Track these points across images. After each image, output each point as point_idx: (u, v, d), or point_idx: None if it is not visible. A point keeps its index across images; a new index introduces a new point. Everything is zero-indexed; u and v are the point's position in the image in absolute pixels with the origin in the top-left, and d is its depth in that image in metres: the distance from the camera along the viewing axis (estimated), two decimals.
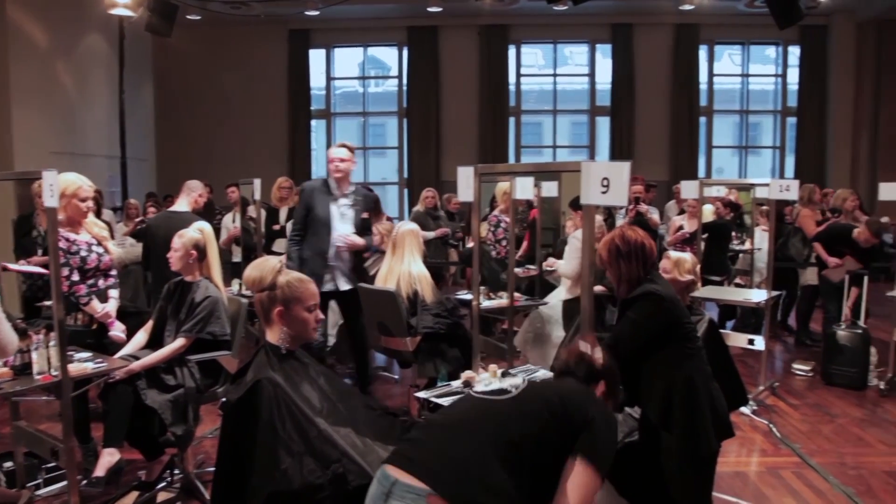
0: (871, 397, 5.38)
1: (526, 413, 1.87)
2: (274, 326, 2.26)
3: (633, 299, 2.50)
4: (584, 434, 1.81)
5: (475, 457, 1.74)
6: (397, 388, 5.56)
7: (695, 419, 2.42)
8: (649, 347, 2.49)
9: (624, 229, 2.61)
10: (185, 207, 4.83)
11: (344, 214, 4.58)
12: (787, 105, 12.92)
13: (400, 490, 1.69)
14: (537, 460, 1.78)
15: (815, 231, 6.78)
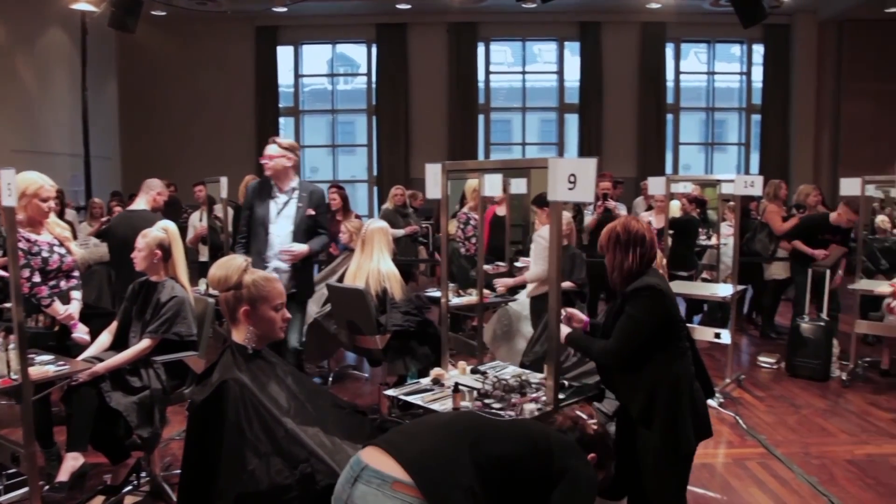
0: (834, 388, 5.49)
1: (512, 437, 1.87)
2: (240, 326, 2.23)
3: (633, 294, 2.45)
4: (563, 484, 1.79)
5: (453, 455, 1.74)
6: (367, 386, 5.54)
7: (677, 418, 2.42)
8: (647, 343, 2.45)
9: (628, 219, 2.56)
10: (144, 206, 4.75)
11: (283, 213, 4.27)
12: (752, 102, 13.14)
13: (367, 475, 1.68)
14: (508, 486, 1.77)
15: (783, 226, 6.90)
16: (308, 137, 13.05)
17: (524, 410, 2.44)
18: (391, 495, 1.63)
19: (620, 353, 2.44)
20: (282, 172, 4.26)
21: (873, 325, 5.64)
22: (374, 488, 1.65)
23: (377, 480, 1.66)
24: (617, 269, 2.50)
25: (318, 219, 4.32)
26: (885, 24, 12.03)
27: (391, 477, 1.64)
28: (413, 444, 1.76)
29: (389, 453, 1.70)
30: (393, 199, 7.49)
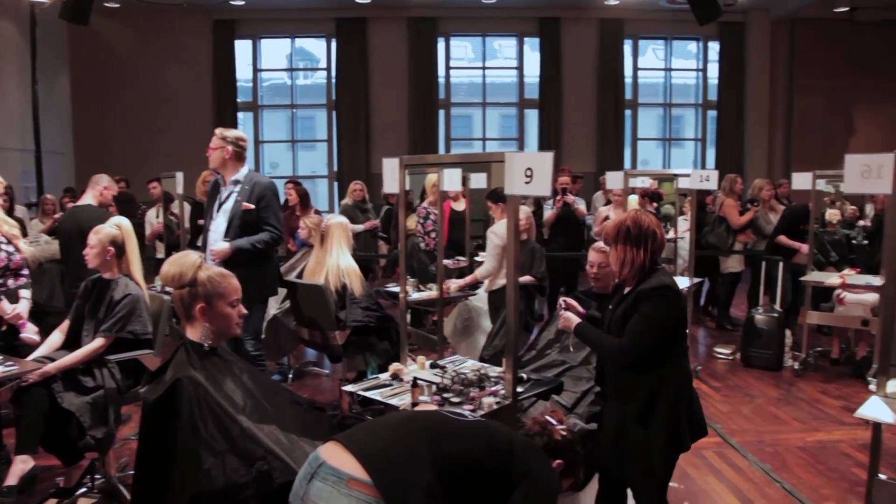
0: (787, 378, 5.63)
1: (473, 437, 1.85)
2: (195, 323, 2.20)
3: (651, 293, 2.38)
4: (522, 487, 1.77)
5: (413, 452, 1.72)
6: (328, 382, 5.51)
7: (678, 418, 2.41)
8: (660, 344, 2.41)
9: (638, 213, 2.51)
10: (91, 201, 4.67)
11: (223, 208, 4.04)
12: (708, 98, 13.36)
13: (324, 472, 1.67)
14: (467, 486, 1.75)
15: (740, 220, 7.04)
16: (267, 133, 12.87)
17: (483, 404, 2.44)
18: (346, 493, 1.61)
19: (635, 352, 2.38)
20: (223, 165, 4.06)
21: (824, 315, 5.79)
22: (330, 486, 1.63)
23: (333, 478, 1.64)
24: (628, 266, 2.43)
25: (262, 213, 3.99)
26: (835, 23, 12.35)
27: (347, 474, 1.63)
28: (373, 441, 1.74)
29: (349, 449, 1.69)
30: (352, 194, 7.44)
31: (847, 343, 6.05)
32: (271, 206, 4.03)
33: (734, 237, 7.12)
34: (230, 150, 4.03)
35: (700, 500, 3.55)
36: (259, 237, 3.95)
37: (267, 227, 3.99)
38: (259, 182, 4.06)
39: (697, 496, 3.58)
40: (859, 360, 5.69)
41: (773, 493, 3.61)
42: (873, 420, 2.50)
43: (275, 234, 4.01)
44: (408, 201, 6.96)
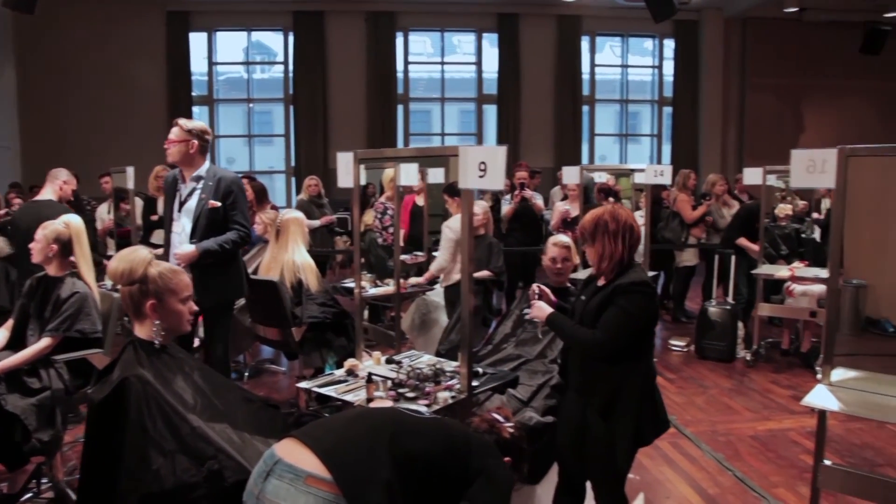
0: (739, 368, 5.75)
1: (430, 434, 1.85)
2: (145, 321, 2.15)
3: (629, 288, 2.40)
4: (480, 482, 1.78)
5: (372, 448, 1.71)
6: (285, 380, 5.45)
7: (641, 412, 2.43)
8: (633, 339, 2.43)
9: (615, 207, 2.51)
10: (51, 196, 4.57)
11: (185, 207, 3.72)
12: (664, 95, 13.57)
13: (280, 469, 1.64)
14: (425, 482, 1.75)
15: (693, 214, 7.17)
16: (223, 127, 12.66)
17: (438, 399, 2.43)
18: (304, 490, 1.59)
19: (608, 345, 2.38)
20: (185, 159, 3.70)
21: (774, 307, 5.93)
22: (287, 483, 1.61)
23: (290, 475, 1.62)
24: (607, 260, 2.44)
25: (230, 211, 3.69)
26: (785, 23, 12.66)
27: (304, 471, 1.61)
28: (331, 437, 1.72)
29: (307, 445, 1.67)
30: (307, 189, 7.35)
31: (797, 334, 6.21)
32: (239, 203, 3.75)
33: (687, 231, 7.25)
34: (196, 144, 3.72)
35: (655, 490, 3.60)
36: (226, 237, 3.66)
37: (235, 225, 3.70)
38: (224, 177, 3.76)
39: (652, 486, 3.63)
40: (807, 351, 5.84)
41: (725, 481, 3.68)
42: (818, 408, 2.57)
43: (243, 232, 3.72)
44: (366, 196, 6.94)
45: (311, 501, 1.57)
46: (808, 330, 5.92)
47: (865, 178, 4.81)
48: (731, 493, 3.55)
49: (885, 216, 5.69)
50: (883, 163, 4.29)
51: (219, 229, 3.67)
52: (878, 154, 2.69)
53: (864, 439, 4.21)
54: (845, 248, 2.76)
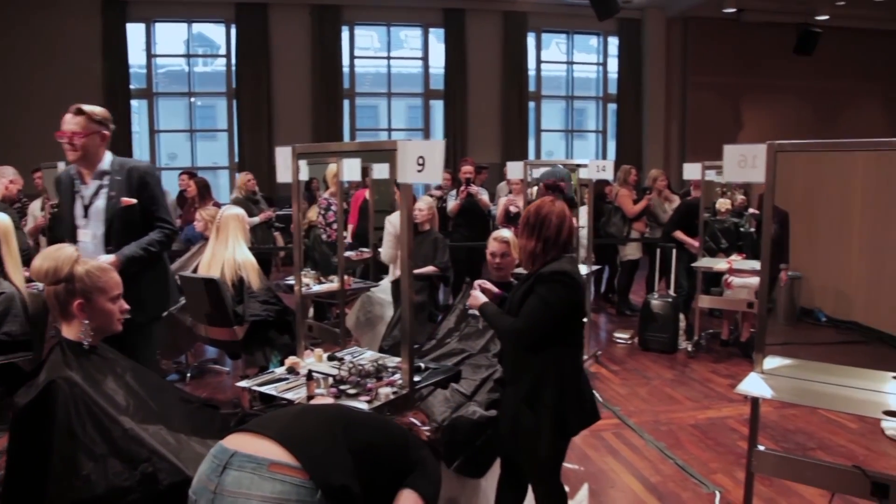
0: (681, 359, 5.89)
1: (375, 426, 1.84)
2: (73, 321, 2.07)
3: (548, 277, 2.43)
4: (417, 471, 1.79)
5: (330, 436, 1.67)
6: (229, 380, 5.35)
7: (563, 403, 2.46)
8: (553, 328, 2.46)
9: (544, 201, 2.54)
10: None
11: (92, 210, 3.17)
12: (609, 92, 13.78)
13: (239, 461, 1.56)
14: (375, 472, 1.73)
15: (634, 209, 7.30)
16: (164, 122, 12.32)
17: (380, 395, 2.42)
18: (269, 477, 1.53)
19: (526, 332, 2.43)
20: (90, 155, 3.14)
21: (714, 299, 6.09)
22: (249, 472, 1.54)
23: (251, 464, 1.55)
24: (524, 252, 2.52)
25: (148, 207, 3.19)
26: (724, 23, 13.01)
27: (267, 459, 1.55)
28: (286, 427, 1.67)
29: (265, 435, 1.61)
30: (246, 185, 7.21)
31: (735, 325, 6.39)
32: (157, 196, 3.24)
33: (630, 226, 7.38)
34: (106, 135, 3.19)
35: (599, 479, 3.66)
36: (150, 238, 3.18)
37: (157, 223, 3.22)
38: (135, 168, 3.20)
39: (596, 476, 3.69)
40: (746, 341, 6.02)
41: (667, 469, 3.77)
42: (751, 395, 2.64)
43: (167, 230, 3.24)
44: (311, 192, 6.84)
45: (278, 488, 1.51)
46: (747, 321, 6.09)
47: (797, 173, 4.98)
48: (672, 480, 3.64)
49: (816, 210, 5.89)
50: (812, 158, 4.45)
51: (138, 230, 3.18)
52: (806, 149, 2.79)
53: (798, 425, 4.36)
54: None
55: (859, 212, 5.62)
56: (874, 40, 13.62)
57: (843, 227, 5.33)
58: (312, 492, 1.53)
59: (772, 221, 2.79)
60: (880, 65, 13.88)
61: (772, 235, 5.16)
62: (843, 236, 5.42)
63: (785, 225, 5.34)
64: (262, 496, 1.51)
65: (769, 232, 2.77)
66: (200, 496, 1.58)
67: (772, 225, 2.79)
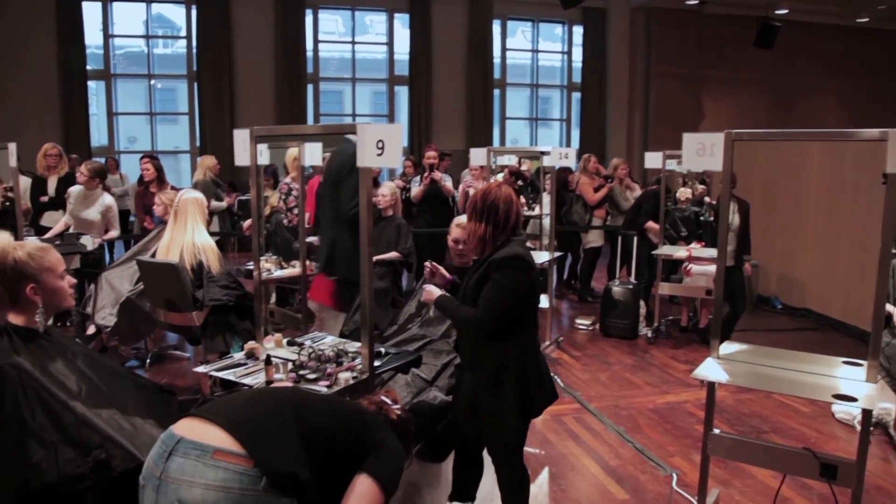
0: (641, 345, 5.97)
1: (329, 409, 1.84)
2: (23, 305, 2.01)
3: (503, 263, 2.42)
4: (375, 454, 1.79)
5: (279, 421, 1.67)
6: (190, 365, 5.27)
7: (527, 385, 2.47)
8: (513, 313, 2.46)
9: (491, 186, 2.53)
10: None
11: None
12: (573, 81, 13.86)
13: (184, 447, 1.56)
14: (327, 457, 1.73)
15: (594, 196, 7.37)
16: (122, 104, 12.04)
17: (339, 380, 2.41)
18: (213, 465, 1.53)
19: (488, 322, 2.41)
20: None
21: (673, 286, 6.18)
22: (193, 459, 1.54)
23: (196, 451, 1.55)
24: (473, 238, 2.50)
25: None
26: (687, 14, 13.18)
27: (211, 446, 1.55)
28: (235, 412, 1.66)
29: (212, 421, 1.60)
30: (212, 169, 7.10)
31: (694, 311, 6.50)
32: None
33: (591, 213, 7.45)
34: None
35: (559, 463, 3.70)
36: None
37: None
38: None
39: (557, 460, 3.73)
40: (704, 327, 6.12)
41: (626, 452, 3.83)
42: (706, 379, 2.69)
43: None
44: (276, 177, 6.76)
45: (220, 475, 1.52)
46: (706, 308, 6.20)
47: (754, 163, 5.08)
48: (630, 463, 3.69)
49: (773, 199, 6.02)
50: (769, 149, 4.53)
51: None
52: (762, 139, 2.83)
53: (752, 409, 4.46)
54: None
55: (813, 202, 5.77)
56: (831, 35, 13.94)
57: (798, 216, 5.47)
58: (257, 479, 1.53)
59: (728, 209, 2.83)
60: (836, 59, 14.22)
61: (736, 227, 5.29)
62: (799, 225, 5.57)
63: (747, 216, 5.46)
64: (205, 483, 1.51)
65: (726, 220, 2.82)
66: (148, 482, 1.59)
67: (728, 213, 2.83)
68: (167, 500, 1.54)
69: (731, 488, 3.40)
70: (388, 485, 1.76)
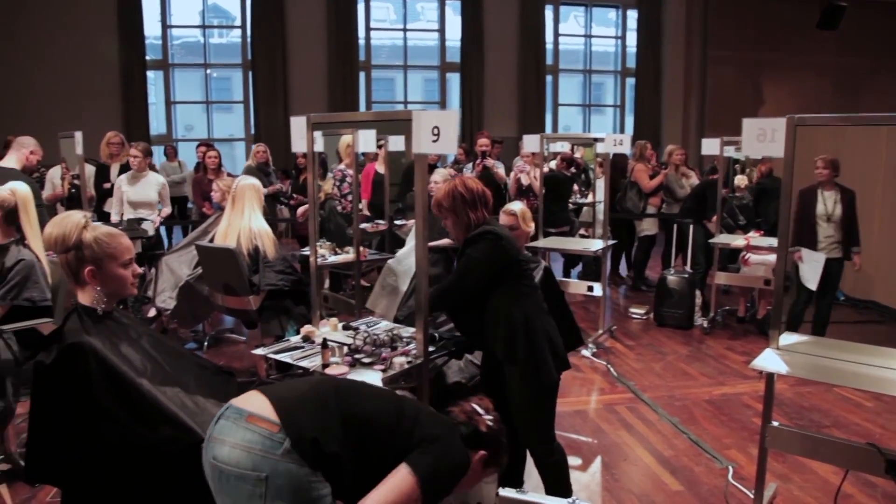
0: (696, 335, 5.87)
1: (380, 400, 1.88)
2: (86, 287, 2.07)
3: (474, 238, 2.57)
4: (420, 448, 1.77)
5: (319, 399, 1.77)
6: (245, 349, 5.40)
7: (535, 352, 2.53)
8: (489, 285, 2.56)
9: (464, 179, 2.67)
10: (13, 164, 4.50)
11: None
12: (627, 66, 13.60)
13: (229, 412, 1.72)
14: (368, 446, 1.76)
15: (650, 184, 7.24)
16: (180, 93, 12.33)
17: (394, 364, 2.44)
18: (244, 426, 1.66)
19: (454, 289, 2.59)
20: None
21: (730, 276, 6.05)
22: (231, 422, 1.69)
23: (235, 415, 1.70)
24: (454, 230, 2.65)
25: None
26: None
27: (247, 411, 1.68)
28: (288, 389, 1.81)
29: (265, 393, 1.74)
30: (255, 156, 7.25)
31: (752, 302, 6.35)
32: None
33: (646, 201, 7.32)
34: None
35: (612, 453, 3.67)
36: None
37: None
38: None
39: (609, 449, 3.70)
40: (762, 318, 5.98)
41: (680, 443, 3.77)
42: (766, 371, 2.63)
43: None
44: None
45: (247, 437, 1.64)
46: (764, 298, 6.05)
47: (817, 149, 4.90)
48: (685, 454, 3.64)
49: None
50: (833, 134, 4.37)
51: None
52: (826, 123, 2.74)
53: (812, 402, 4.35)
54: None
55: (880, 190, 5.54)
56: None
57: (863, 205, 5.25)
58: (278, 444, 1.64)
59: (790, 198, 2.74)
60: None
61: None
62: (864, 214, 5.35)
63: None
64: (233, 442, 1.65)
65: (787, 207, 2.73)
66: (205, 446, 1.74)
67: (790, 201, 2.74)
68: (207, 457, 1.70)
69: (790, 483, 3.32)
70: (427, 481, 1.74)
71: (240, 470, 1.63)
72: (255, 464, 1.62)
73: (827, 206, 4.79)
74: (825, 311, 4.97)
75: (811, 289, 4.78)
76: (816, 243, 4.77)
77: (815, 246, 4.76)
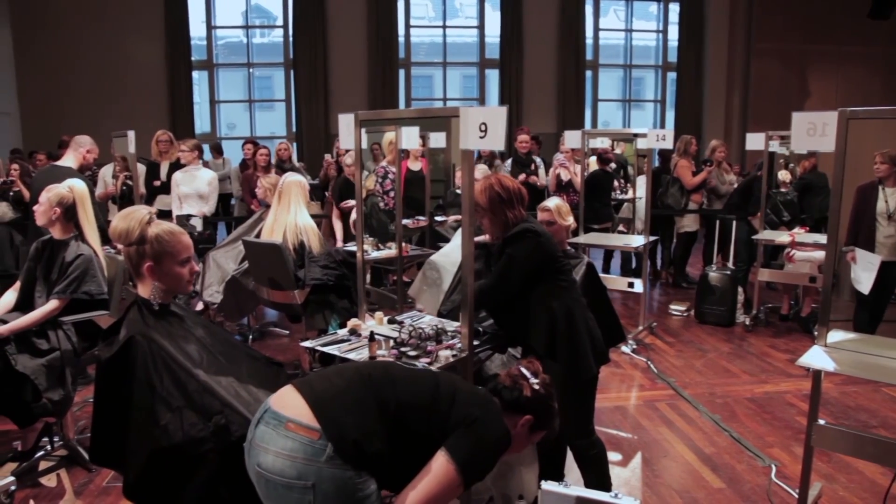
0: (738, 333, 5.81)
1: (416, 380, 1.88)
2: (145, 281, 2.15)
3: (513, 237, 2.60)
4: (458, 432, 1.76)
5: (355, 394, 1.78)
6: (290, 342, 5.52)
7: (576, 346, 2.57)
8: (529, 282, 2.60)
9: (499, 177, 2.70)
10: (71, 163, 4.64)
11: None
12: (668, 60, 13.43)
13: (268, 416, 1.74)
14: (407, 431, 1.78)
15: (693, 180, 7.16)
16: (224, 92, 12.58)
17: (440, 357, 2.48)
18: (284, 434, 1.69)
19: (496, 289, 2.62)
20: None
21: (774, 272, 5.96)
22: (271, 428, 1.71)
23: (274, 421, 1.72)
24: (492, 230, 2.69)
25: None
26: None
27: (286, 417, 1.70)
28: (324, 384, 1.81)
29: (301, 392, 1.76)
30: (277, 153, 7.47)
31: (796, 299, 6.25)
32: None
33: (688, 197, 7.25)
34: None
35: (653, 449, 3.67)
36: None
37: None
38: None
39: (650, 445, 3.70)
40: (806, 316, 5.89)
41: (721, 441, 3.75)
42: (813, 367, 2.61)
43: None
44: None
45: (289, 445, 1.67)
46: (809, 296, 5.96)
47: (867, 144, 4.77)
48: (727, 452, 3.62)
49: None
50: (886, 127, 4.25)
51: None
52: (881, 117, 2.68)
53: (859, 402, 4.28)
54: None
55: None
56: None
57: None
58: (321, 451, 1.66)
59: (839, 195, 2.70)
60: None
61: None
62: None
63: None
64: (276, 451, 1.68)
65: (837, 203, 2.70)
66: (246, 447, 1.80)
67: (840, 198, 2.71)
68: (252, 463, 1.74)
69: (835, 483, 3.28)
70: (467, 467, 1.72)
71: (286, 479, 1.66)
72: (300, 473, 1.65)
73: (889, 204, 4.52)
74: (874, 315, 4.76)
75: (862, 291, 4.61)
76: (874, 242, 4.53)
77: (873, 245, 4.54)
